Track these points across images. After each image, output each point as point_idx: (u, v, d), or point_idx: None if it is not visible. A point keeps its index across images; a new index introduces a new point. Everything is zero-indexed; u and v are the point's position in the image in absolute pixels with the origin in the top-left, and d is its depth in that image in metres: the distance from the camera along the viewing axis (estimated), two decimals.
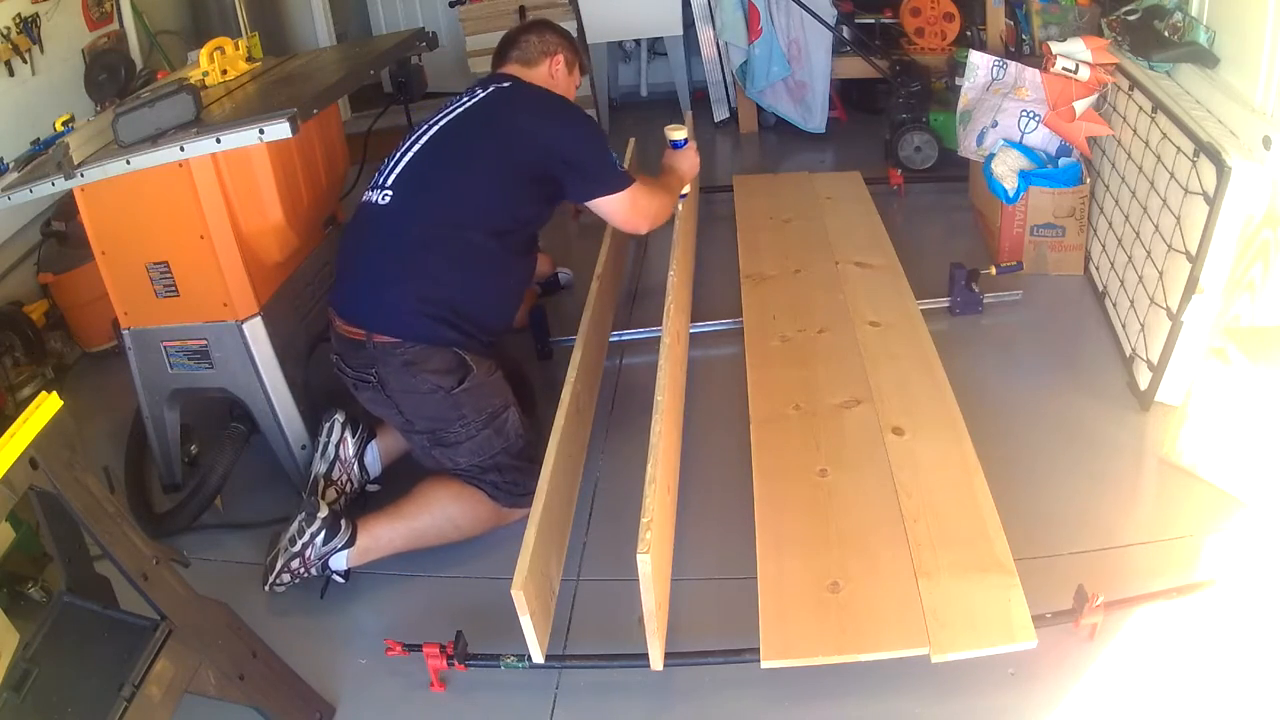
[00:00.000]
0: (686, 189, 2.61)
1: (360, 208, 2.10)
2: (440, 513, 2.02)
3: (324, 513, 1.95)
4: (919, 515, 1.82)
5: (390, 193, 2.03)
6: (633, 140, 3.51)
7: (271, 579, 1.94)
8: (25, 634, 1.43)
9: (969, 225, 3.25)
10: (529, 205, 2.11)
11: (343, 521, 1.96)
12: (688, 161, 2.53)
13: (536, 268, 2.75)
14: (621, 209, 2.15)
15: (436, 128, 2.09)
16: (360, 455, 2.21)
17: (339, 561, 1.97)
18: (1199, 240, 2.04)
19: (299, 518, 1.94)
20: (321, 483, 2.13)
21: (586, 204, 2.15)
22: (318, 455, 2.16)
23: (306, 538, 1.92)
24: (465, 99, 2.15)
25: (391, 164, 2.08)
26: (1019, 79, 2.89)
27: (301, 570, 1.94)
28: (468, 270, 2.02)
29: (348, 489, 2.17)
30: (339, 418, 2.18)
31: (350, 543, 1.96)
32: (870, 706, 1.62)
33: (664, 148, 2.54)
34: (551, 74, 2.31)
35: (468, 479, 2.04)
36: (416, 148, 2.07)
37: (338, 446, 2.17)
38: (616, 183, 2.12)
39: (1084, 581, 1.65)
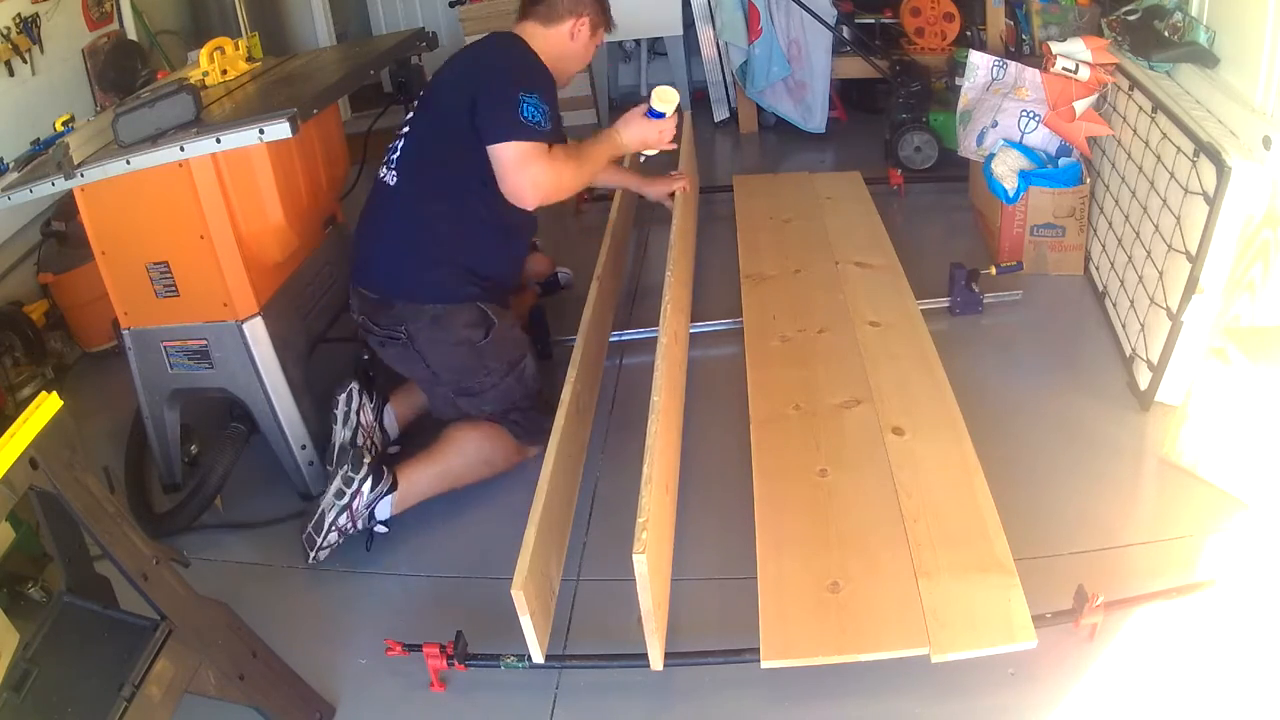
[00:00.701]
0: (653, 151, 2.31)
1: (375, 185, 2.22)
2: (472, 450, 2.16)
3: (368, 458, 2.04)
4: (919, 515, 1.82)
5: (396, 174, 2.15)
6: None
7: (319, 543, 2.02)
8: (25, 634, 1.43)
9: (969, 225, 3.25)
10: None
11: (383, 468, 2.06)
12: (639, 132, 2.23)
13: (537, 266, 2.77)
14: (509, 162, 1.97)
15: (416, 109, 2.21)
16: (379, 419, 2.28)
17: (383, 509, 2.06)
18: (1199, 240, 2.04)
19: (342, 471, 2.01)
20: (350, 452, 2.15)
21: (488, 149, 2.00)
22: (338, 425, 2.19)
23: (354, 487, 2.01)
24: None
25: (398, 140, 2.19)
26: (1019, 79, 2.89)
27: (349, 526, 2.03)
28: (476, 232, 2.13)
29: (372, 452, 2.20)
30: (354, 385, 2.22)
31: (392, 488, 2.07)
32: (870, 706, 1.62)
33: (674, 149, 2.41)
34: (572, 34, 2.22)
35: (491, 420, 2.18)
36: (408, 125, 2.18)
37: (358, 413, 2.21)
38: (514, 131, 1.95)
39: (1084, 581, 1.65)
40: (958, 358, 2.38)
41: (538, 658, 1.67)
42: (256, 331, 2.11)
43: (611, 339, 2.72)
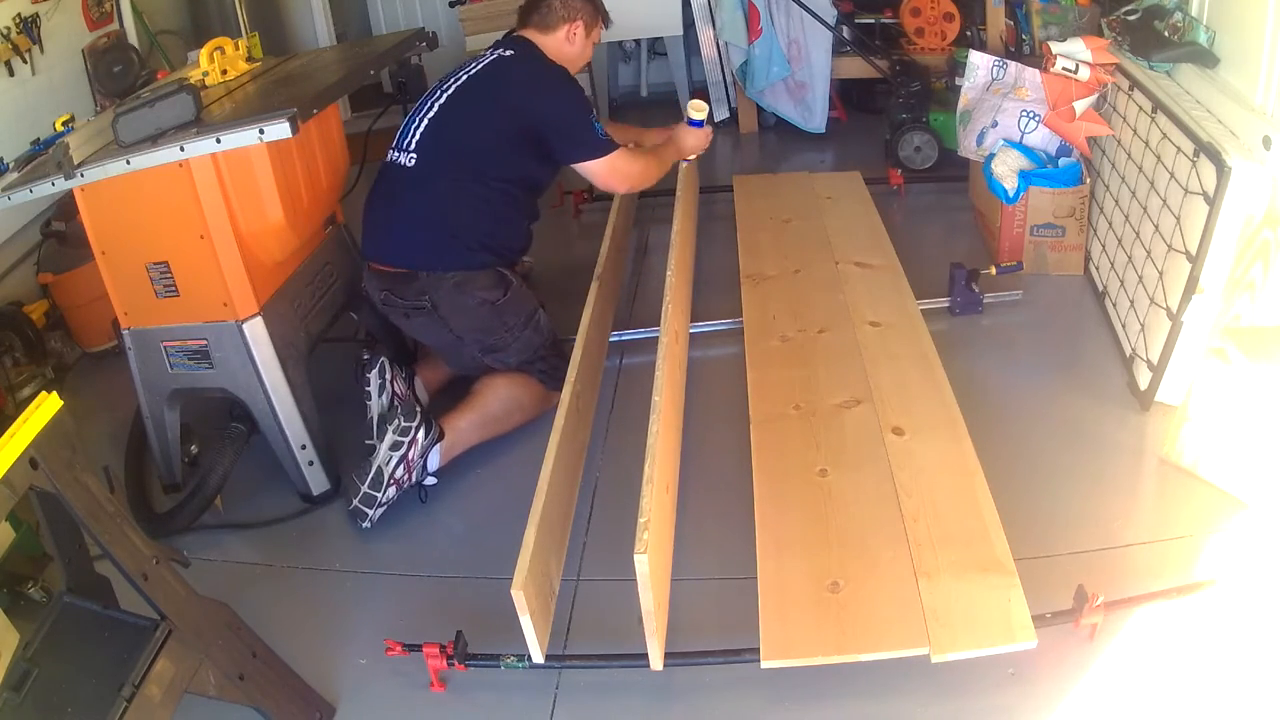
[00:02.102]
0: (693, 157, 2.84)
1: (386, 167, 2.37)
2: (507, 395, 2.32)
3: (419, 408, 2.16)
4: (919, 515, 1.82)
5: (414, 155, 2.31)
6: (633, 142, 3.51)
7: (379, 499, 2.11)
8: (25, 634, 1.43)
9: (969, 225, 3.25)
10: (530, 162, 2.37)
11: (431, 419, 2.19)
12: (694, 140, 2.75)
13: None
14: (601, 172, 2.40)
15: (447, 95, 2.35)
16: (411, 388, 2.36)
17: (433, 460, 2.19)
18: (1199, 240, 2.04)
19: (394, 425, 2.11)
20: (399, 406, 2.19)
21: (572, 165, 2.40)
22: (373, 400, 2.23)
23: (410, 436, 2.12)
24: (473, 65, 2.39)
25: (412, 127, 2.34)
26: (1019, 79, 2.89)
27: (405, 478, 2.14)
28: (491, 209, 2.32)
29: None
30: (383, 359, 2.26)
31: (440, 437, 2.20)
32: (870, 706, 1.62)
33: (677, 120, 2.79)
34: (569, 37, 2.48)
35: (519, 370, 2.36)
36: (433, 113, 2.33)
37: (392, 383, 2.26)
38: (597, 149, 2.36)
39: (1084, 581, 1.65)
40: (958, 358, 2.38)
41: (538, 658, 1.67)
42: (256, 331, 2.11)
43: (611, 339, 2.72)
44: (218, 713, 1.54)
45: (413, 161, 2.30)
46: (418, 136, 2.32)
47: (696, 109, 2.74)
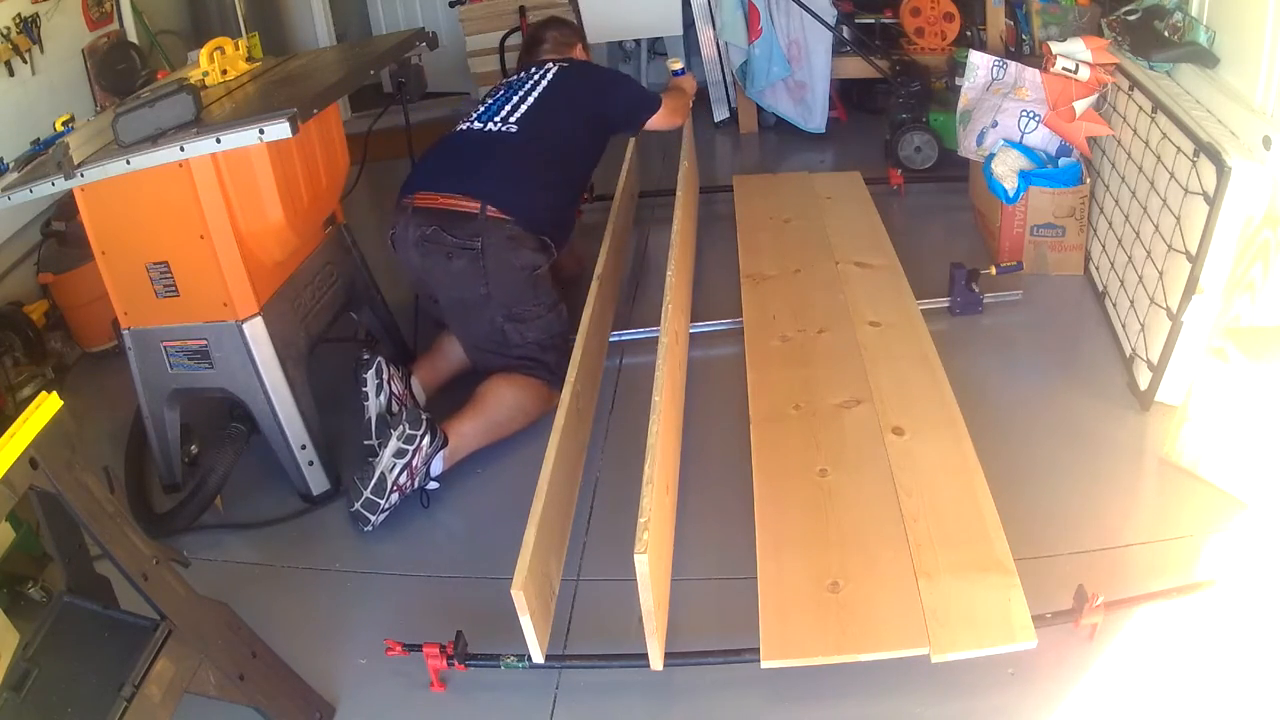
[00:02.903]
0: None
1: (467, 132, 2.53)
2: (511, 400, 2.33)
3: (425, 416, 2.15)
4: (919, 515, 1.82)
5: (516, 126, 2.49)
6: (632, 140, 3.51)
7: (381, 506, 2.11)
8: (25, 634, 1.43)
9: (969, 225, 3.25)
10: (596, 147, 2.70)
11: (435, 425, 2.19)
12: (688, 83, 3.15)
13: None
14: (663, 118, 2.81)
15: (539, 89, 2.62)
16: (408, 387, 2.38)
17: (436, 465, 2.19)
18: (1199, 240, 2.04)
19: (397, 432, 2.10)
20: (404, 411, 2.19)
21: (646, 124, 2.78)
22: (370, 400, 2.25)
23: (415, 444, 2.12)
24: (538, 73, 2.69)
25: (507, 108, 2.55)
26: (1019, 79, 2.89)
27: (408, 485, 2.14)
28: (560, 195, 2.54)
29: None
30: (380, 359, 2.28)
31: (445, 443, 2.20)
32: (870, 706, 1.62)
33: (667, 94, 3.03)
34: (575, 55, 2.94)
35: (524, 366, 2.38)
36: (532, 99, 2.58)
37: (390, 383, 2.29)
38: (654, 105, 2.78)
39: (1084, 581, 1.65)
40: (958, 358, 2.38)
41: (538, 658, 1.67)
42: (256, 331, 2.11)
43: (611, 339, 2.72)
44: (218, 713, 1.54)
45: (514, 129, 2.47)
46: (521, 111, 2.52)
47: (674, 63, 3.19)
